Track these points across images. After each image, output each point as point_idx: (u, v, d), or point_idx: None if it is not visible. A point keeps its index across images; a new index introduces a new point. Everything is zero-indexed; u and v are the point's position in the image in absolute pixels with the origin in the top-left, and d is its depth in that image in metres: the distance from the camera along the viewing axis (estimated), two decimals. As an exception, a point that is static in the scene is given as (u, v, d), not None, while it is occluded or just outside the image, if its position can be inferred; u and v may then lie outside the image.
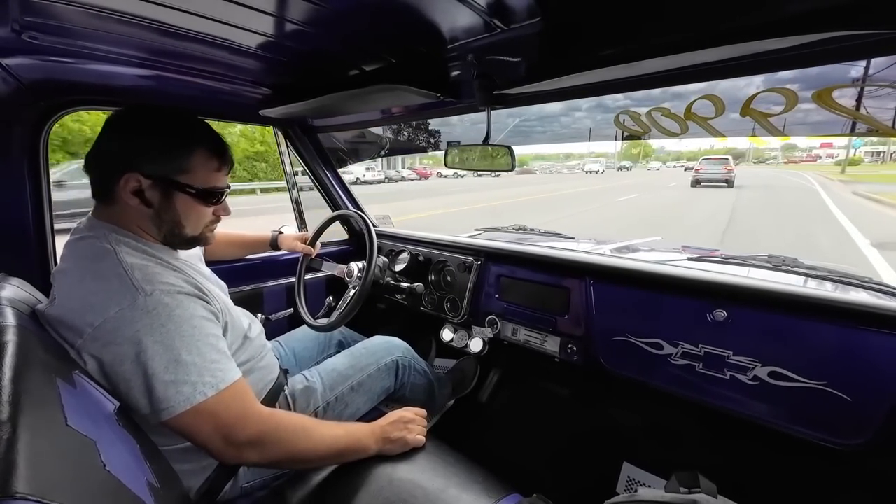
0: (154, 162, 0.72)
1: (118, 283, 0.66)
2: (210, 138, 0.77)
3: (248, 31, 0.80)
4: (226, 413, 0.68)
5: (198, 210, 0.78)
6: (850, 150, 43.35)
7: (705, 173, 16.93)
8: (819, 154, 60.43)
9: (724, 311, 0.91)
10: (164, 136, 0.74)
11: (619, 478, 1.23)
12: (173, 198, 0.75)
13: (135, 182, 0.71)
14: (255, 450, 0.71)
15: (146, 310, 0.65)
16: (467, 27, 0.77)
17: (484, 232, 1.78)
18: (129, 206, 0.73)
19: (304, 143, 1.68)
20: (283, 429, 0.74)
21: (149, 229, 0.77)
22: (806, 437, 0.84)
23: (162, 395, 0.64)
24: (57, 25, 0.76)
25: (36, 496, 0.33)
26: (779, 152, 60.73)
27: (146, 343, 0.64)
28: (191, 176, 0.75)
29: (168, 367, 0.65)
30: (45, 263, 1.10)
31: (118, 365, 0.64)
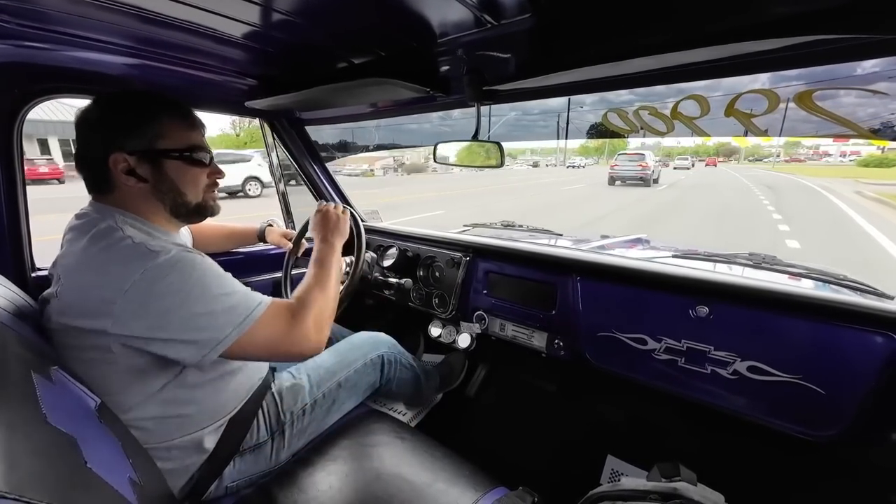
0: (132, 137, 0.74)
1: (134, 251, 0.68)
2: (170, 103, 0.80)
3: (233, 20, 0.79)
4: (278, 321, 0.76)
5: (190, 173, 0.80)
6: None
7: (620, 170, 15.23)
8: (829, 152, 54.42)
9: (706, 307, 0.93)
10: (129, 112, 0.76)
11: (603, 470, 1.26)
12: (163, 166, 0.77)
13: (122, 161, 0.73)
14: (320, 333, 0.81)
15: (171, 263, 0.67)
16: (458, 22, 0.77)
17: (472, 228, 1.79)
18: (127, 188, 0.75)
19: (292, 136, 1.65)
20: (321, 304, 0.83)
21: (153, 207, 0.79)
22: (782, 428, 0.87)
23: (223, 321, 0.69)
24: (30, 9, 0.73)
25: (14, 493, 0.32)
26: (780, 149, 56.81)
27: (184, 290, 0.67)
28: (168, 140, 0.77)
29: (217, 298, 0.70)
30: (21, 256, 1.06)
31: (160, 318, 0.65)
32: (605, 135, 1.13)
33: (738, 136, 0.92)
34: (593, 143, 18.49)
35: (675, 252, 1.21)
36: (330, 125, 1.66)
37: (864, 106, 0.72)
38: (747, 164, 59.16)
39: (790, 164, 46.50)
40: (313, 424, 0.98)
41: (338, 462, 0.90)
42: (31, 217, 1.08)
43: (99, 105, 0.76)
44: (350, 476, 0.86)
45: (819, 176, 22.99)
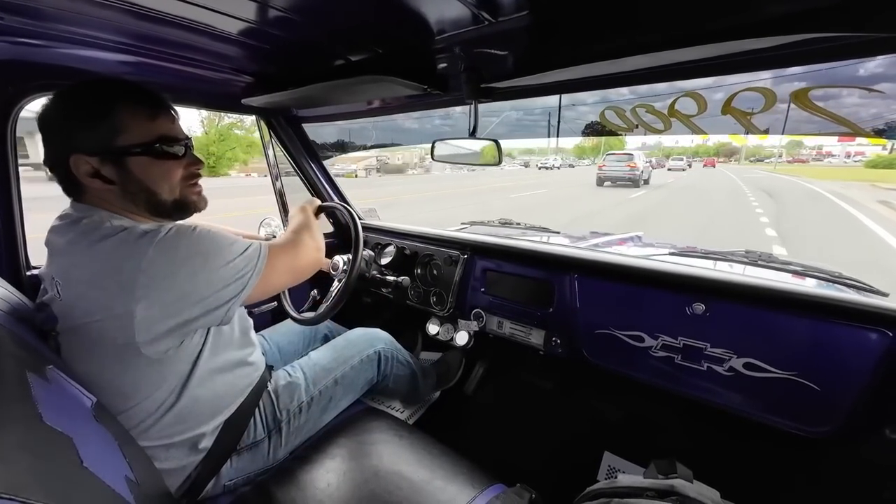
0: (88, 137, 0.68)
1: (132, 234, 0.67)
2: (127, 90, 0.72)
3: (229, 16, 0.78)
4: (287, 254, 0.86)
5: (159, 168, 0.73)
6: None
7: (608, 171, 14.69)
8: (832, 152, 51.90)
9: (702, 304, 0.94)
10: (81, 108, 0.69)
11: (600, 467, 1.26)
12: (126, 165, 0.70)
13: (84, 164, 0.68)
14: (315, 245, 0.96)
15: (175, 233, 0.68)
16: (455, 19, 0.76)
17: (470, 226, 1.79)
18: (95, 191, 0.71)
19: (289, 134, 1.65)
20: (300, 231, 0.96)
21: (131, 207, 0.74)
22: (777, 425, 0.88)
23: (242, 267, 0.73)
24: (24, 6, 0.73)
25: (9, 493, 0.32)
26: (782, 149, 53.88)
27: (200, 249, 0.69)
28: (128, 135, 0.70)
29: (229, 248, 0.73)
30: (16, 255, 1.06)
31: (191, 281, 0.67)
32: (600, 133, 1.13)
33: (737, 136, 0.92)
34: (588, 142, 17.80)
35: (672, 249, 1.22)
36: (326, 123, 1.65)
37: (866, 106, 0.72)
38: (748, 164, 56.80)
39: (793, 165, 44.46)
40: (310, 422, 0.98)
41: (336, 460, 0.90)
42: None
43: (56, 102, 0.70)
44: (348, 474, 0.86)
45: (825, 179, 20.56)
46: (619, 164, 14.52)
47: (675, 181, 18.65)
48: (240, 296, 0.74)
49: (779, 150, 57.64)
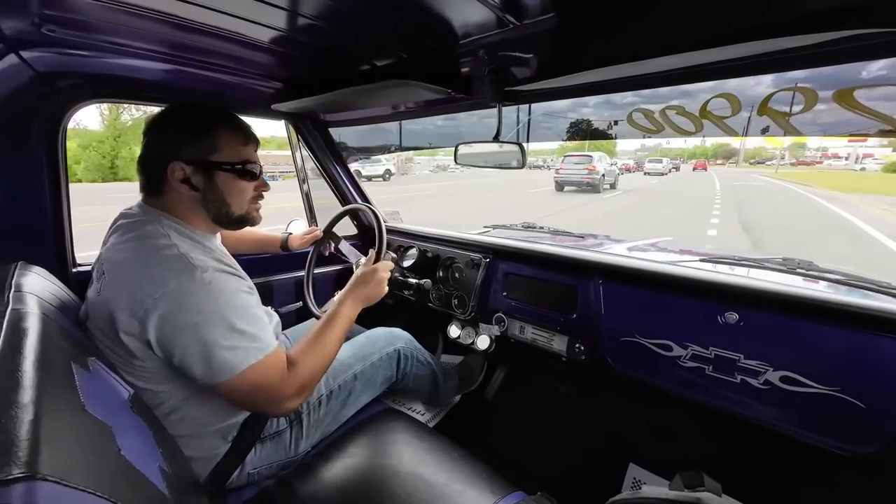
0: (190, 148, 0.79)
1: (176, 260, 0.72)
2: (228, 117, 0.84)
3: (260, 25, 0.81)
4: (274, 374, 0.77)
5: (238, 186, 0.84)
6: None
7: (566, 174, 13.35)
8: (838, 154, 47.99)
9: (735, 313, 0.90)
10: (191, 124, 0.81)
11: (625, 478, 1.23)
12: (214, 177, 0.81)
13: (179, 170, 0.78)
14: (301, 395, 0.81)
15: (203, 283, 0.71)
16: (480, 23, 0.76)
17: (493, 229, 1.78)
18: (178, 194, 0.80)
19: (315, 138, 1.69)
20: (313, 367, 0.84)
21: (198, 213, 0.83)
22: (815, 442, 0.83)
23: (221, 358, 0.70)
24: (74, 18, 0.78)
25: (56, 477, 0.34)
26: (785, 151, 49.36)
27: (206, 313, 0.70)
28: (222, 154, 0.81)
29: (225, 334, 0.71)
30: (63, 253, 1.13)
31: (178, 333, 0.69)
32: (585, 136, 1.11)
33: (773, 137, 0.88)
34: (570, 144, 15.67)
35: (703, 256, 1.17)
36: (349, 127, 1.68)
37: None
38: (747, 167, 50.91)
39: (796, 169, 39.07)
40: (329, 416, 1.00)
41: (356, 459, 0.91)
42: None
43: (167, 114, 0.81)
44: (368, 473, 0.87)
45: (839, 189, 15.12)
46: (578, 166, 13.04)
47: (644, 187, 16.97)
48: (209, 379, 0.71)
49: (781, 153, 52.88)
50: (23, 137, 1.02)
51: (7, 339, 0.50)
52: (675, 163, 27.98)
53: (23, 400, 0.40)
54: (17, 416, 0.38)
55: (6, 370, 0.44)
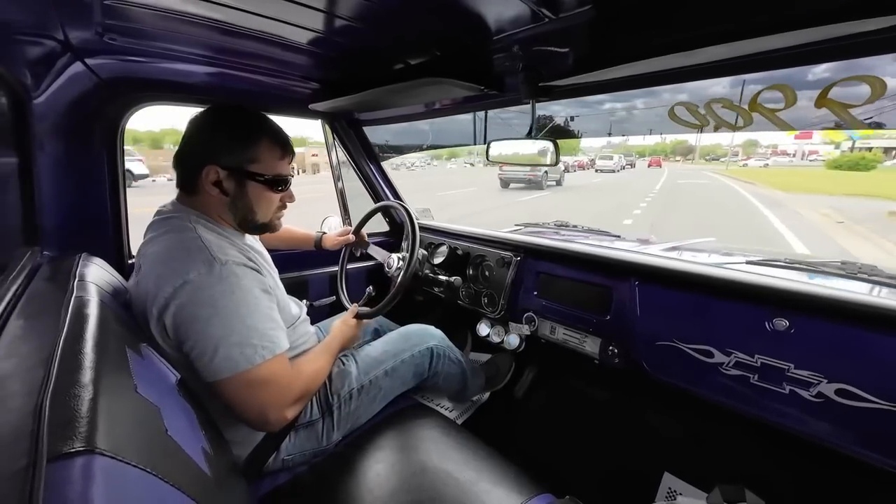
0: (228, 155, 0.81)
1: (198, 252, 0.75)
2: (273, 130, 0.86)
3: (299, 27, 0.83)
4: (278, 377, 0.78)
5: (267, 197, 0.87)
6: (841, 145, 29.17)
7: (508, 172, 13.55)
8: (787, 151, 43.72)
9: (785, 319, 0.84)
10: (234, 130, 0.83)
11: (659, 488, 1.18)
12: (246, 186, 0.84)
13: (214, 173, 0.81)
14: (295, 407, 0.84)
15: (220, 277, 0.74)
16: (514, 17, 0.75)
17: (524, 227, 1.75)
18: (209, 196, 0.83)
19: (350, 137, 1.73)
20: (312, 380, 0.89)
21: (225, 216, 0.86)
22: (873, 461, 0.76)
23: (227, 353, 0.72)
24: (132, 27, 0.83)
25: (111, 452, 0.37)
26: (738, 148, 47.31)
27: (219, 305, 0.72)
28: (259, 165, 0.83)
29: (235, 329, 0.73)
30: (121, 245, 1.22)
31: (190, 323, 0.72)
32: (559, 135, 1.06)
33: (833, 131, 0.82)
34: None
35: (750, 258, 1.10)
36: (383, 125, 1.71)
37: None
38: (702, 163, 48.05)
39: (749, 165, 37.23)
40: (360, 409, 1.03)
41: (386, 451, 0.93)
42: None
43: (210, 115, 0.84)
44: (397, 466, 0.89)
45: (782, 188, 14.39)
46: (511, 167, 13.20)
47: (589, 184, 16.57)
48: (208, 375, 0.73)
49: (734, 149, 49.81)
50: (87, 139, 1.11)
51: (71, 324, 0.55)
52: (630, 159, 26.56)
53: (84, 380, 0.43)
54: (79, 394, 0.41)
55: (70, 352, 0.48)
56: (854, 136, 29.31)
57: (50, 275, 0.80)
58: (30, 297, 0.69)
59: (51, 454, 0.34)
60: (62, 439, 0.35)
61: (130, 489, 0.37)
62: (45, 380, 0.42)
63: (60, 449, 0.34)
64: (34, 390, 0.40)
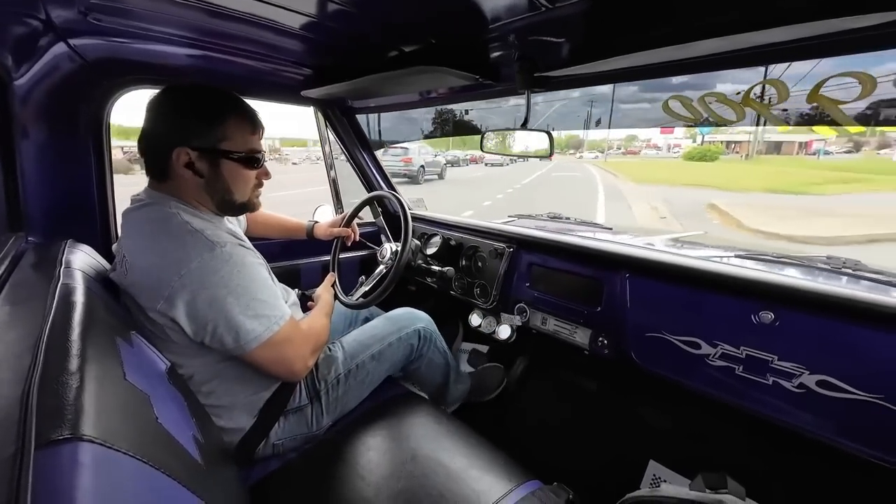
0: (197, 135, 0.79)
1: (192, 239, 0.75)
2: (240, 105, 0.84)
3: (292, 11, 0.82)
4: (295, 336, 0.84)
5: (243, 175, 0.85)
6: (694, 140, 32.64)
7: (386, 166, 13.06)
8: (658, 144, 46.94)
9: (771, 312, 0.86)
10: (201, 109, 0.80)
11: (645, 475, 1.21)
12: (220, 166, 0.82)
13: (185, 156, 0.78)
14: (314, 355, 0.91)
15: (224, 258, 0.74)
16: (510, 6, 0.74)
17: (518, 219, 1.76)
18: (183, 179, 0.80)
19: (343, 125, 1.71)
20: (319, 333, 0.95)
21: (202, 199, 0.84)
22: (852, 451, 0.79)
23: (249, 327, 0.76)
24: (118, 7, 0.81)
25: (100, 439, 0.37)
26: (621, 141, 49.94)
27: (231, 286, 0.74)
28: (230, 142, 0.81)
29: (250, 304, 0.76)
30: (108, 231, 1.19)
31: (207, 309, 0.73)
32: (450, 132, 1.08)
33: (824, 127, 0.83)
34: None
35: (739, 252, 1.12)
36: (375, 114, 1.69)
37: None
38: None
39: (626, 157, 40.10)
40: (349, 394, 1.03)
41: (376, 438, 0.94)
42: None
43: (172, 96, 0.80)
44: (388, 454, 0.90)
45: (636, 180, 15.85)
46: (395, 158, 13.16)
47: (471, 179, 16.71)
48: (238, 348, 0.77)
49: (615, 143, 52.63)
50: (73, 123, 1.08)
51: (58, 311, 0.54)
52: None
53: (71, 368, 0.43)
54: (67, 382, 0.41)
55: (57, 340, 0.47)
56: (702, 131, 32.17)
57: (35, 262, 0.79)
58: (14, 285, 0.68)
59: (39, 442, 0.33)
60: (50, 427, 0.35)
61: (120, 476, 0.37)
62: (31, 367, 0.42)
63: (48, 436, 0.34)
64: (21, 378, 0.40)
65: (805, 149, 31.07)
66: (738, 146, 32.51)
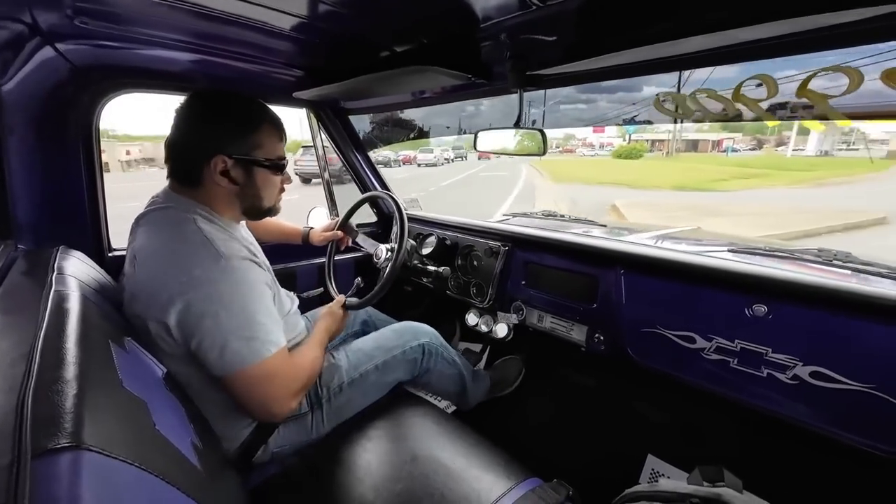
0: (235, 143, 0.80)
1: (202, 246, 0.74)
2: (271, 114, 0.86)
3: (282, 12, 0.81)
4: (284, 369, 0.79)
5: (272, 181, 0.88)
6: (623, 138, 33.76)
7: (305, 166, 12.28)
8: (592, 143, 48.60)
9: (764, 305, 0.87)
10: (237, 118, 0.82)
11: (643, 470, 1.22)
12: (253, 173, 0.83)
13: (222, 164, 0.79)
14: (299, 396, 0.85)
15: (226, 271, 0.73)
16: (502, 4, 0.74)
17: (512, 217, 1.76)
18: (217, 186, 0.81)
19: (336, 126, 1.70)
20: (312, 370, 0.90)
21: (231, 206, 0.85)
22: (845, 440, 0.80)
23: (236, 348, 0.72)
24: (105, 10, 0.80)
25: (98, 447, 0.36)
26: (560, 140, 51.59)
27: (225, 301, 0.72)
28: (263, 150, 0.83)
29: (242, 324, 0.73)
30: (100, 238, 1.18)
31: (199, 319, 0.71)
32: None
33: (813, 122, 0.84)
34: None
35: (731, 246, 1.13)
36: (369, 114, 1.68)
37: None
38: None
39: (562, 156, 41.01)
40: (350, 403, 1.03)
41: (375, 441, 0.94)
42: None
43: (205, 103, 0.81)
44: (387, 455, 0.90)
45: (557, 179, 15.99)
46: (312, 158, 12.74)
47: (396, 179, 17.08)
48: (242, 361, 0.73)
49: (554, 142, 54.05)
50: (61, 129, 1.06)
51: (51, 319, 0.54)
52: (461, 152, 26.11)
53: (67, 376, 0.43)
54: (63, 390, 0.40)
55: (51, 348, 0.47)
56: (629, 130, 33.17)
57: (26, 269, 0.78)
58: (6, 293, 0.67)
59: (35, 451, 0.33)
60: (47, 436, 0.35)
61: (120, 484, 0.37)
62: (26, 376, 0.41)
63: (45, 445, 0.34)
64: (15, 386, 0.39)
65: (717, 146, 32.89)
66: (661, 144, 33.87)
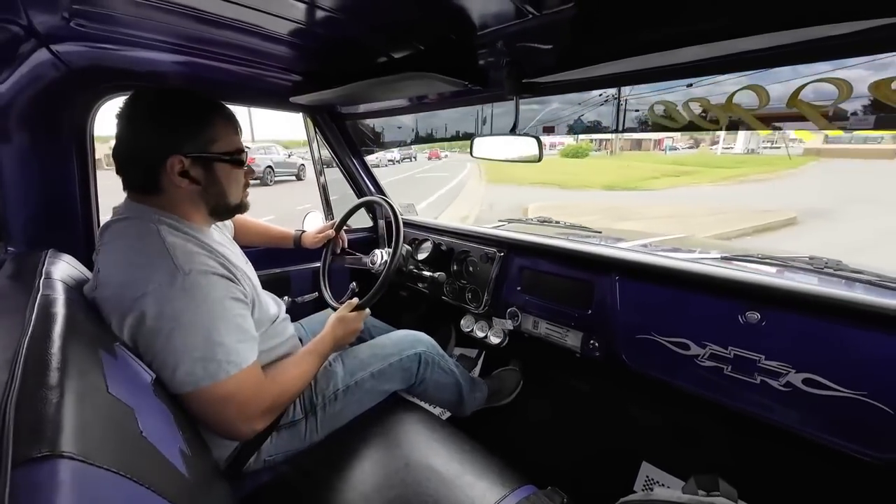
0: (188, 141, 0.76)
1: (160, 260, 0.70)
2: (219, 105, 0.82)
3: (279, 17, 0.81)
4: (244, 391, 0.74)
5: (235, 175, 0.84)
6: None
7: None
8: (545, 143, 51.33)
9: (757, 312, 0.87)
10: (186, 114, 0.77)
11: (638, 477, 1.22)
12: (213, 169, 0.80)
13: (179, 164, 0.75)
14: (265, 418, 0.79)
15: (184, 289, 0.69)
16: (498, 13, 0.75)
17: (508, 223, 1.76)
18: (178, 189, 0.77)
19: (332, 130, 1.70)
20: (287, 389, 0.84)
21: (196, 208, 0.81)
22: (838, 447, 0.80)
23: (189, 369, 0.68)
24: (101, 13, 0.80)
25: (80, 456, 0.35)
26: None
27: (182, 320, 0.68)
28: (219, 144, 0.79)
29: (198, 344, 0.68)
30: (91, 241, 1.17)
31: (152, 337, 0.68)
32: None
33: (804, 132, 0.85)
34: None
35: (724, 253, 1.14)
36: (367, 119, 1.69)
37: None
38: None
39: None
40: (345, 410, 1.01)
41: (369, 447, 0.93)
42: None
43: (150, 103, 0.76)
44: (380, 462, 0.89)
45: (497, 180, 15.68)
46: (267, 156, 13.34)
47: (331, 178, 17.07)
48: (196, 382, 0.69)
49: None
50: (54, 131, 1.06)
51: (37, 324, 0.53)
52: (408, 153, 26.07)
53: (51, 381, 0.42)
54: (46, 396, 0.39)
55: (36, 353, 0.46)
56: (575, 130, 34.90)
57: (14, 272, 0.77)
58: None
59: (16, 459, 0.32)
60: (28, 444, 0.34)
61: (101, 493, 0.36)
62: (9, 382, 0.40)
63: (26, 454, 0.33)
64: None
65: (658, 145, 33.39)
66: (607, 144, 34.23)
